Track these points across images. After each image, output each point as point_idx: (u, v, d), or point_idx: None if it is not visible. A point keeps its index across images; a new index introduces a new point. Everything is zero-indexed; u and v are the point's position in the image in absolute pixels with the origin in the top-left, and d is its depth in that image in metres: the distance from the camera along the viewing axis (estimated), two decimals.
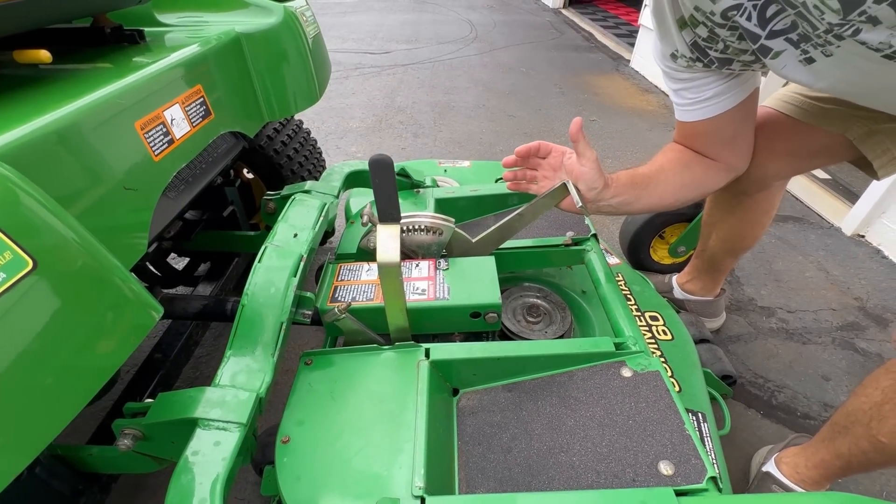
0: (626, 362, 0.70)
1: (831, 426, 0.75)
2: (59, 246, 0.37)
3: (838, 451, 0.72)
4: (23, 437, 0.35)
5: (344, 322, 0.70)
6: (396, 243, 0.60)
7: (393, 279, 0.63)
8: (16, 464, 0.34)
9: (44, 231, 0.36)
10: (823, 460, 0.76)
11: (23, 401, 0.34)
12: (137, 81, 0.58)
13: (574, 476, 0.59)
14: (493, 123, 2.57)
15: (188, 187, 0.77)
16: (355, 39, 4.08)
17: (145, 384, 0.82)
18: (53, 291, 0.36)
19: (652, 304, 1.02)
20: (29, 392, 0.35)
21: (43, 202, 0.37)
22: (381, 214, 0.61)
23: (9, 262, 0.33)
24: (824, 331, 1.28)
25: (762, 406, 1.09)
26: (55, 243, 0.37)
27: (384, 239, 0.60)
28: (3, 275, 0.32)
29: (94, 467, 0.64)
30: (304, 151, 1.27)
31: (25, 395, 0.34)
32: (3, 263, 0.32)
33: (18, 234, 0.34)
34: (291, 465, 0.57)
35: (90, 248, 0.40)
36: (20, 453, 0.34)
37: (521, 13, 5.31)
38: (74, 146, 0.49)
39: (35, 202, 0.36)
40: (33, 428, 0.35)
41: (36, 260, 0.34)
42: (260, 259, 0.67)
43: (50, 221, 0.37)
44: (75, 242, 0.39)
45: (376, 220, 0.87)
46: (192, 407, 0.54)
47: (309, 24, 0.95)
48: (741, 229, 1.02)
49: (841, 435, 0.71)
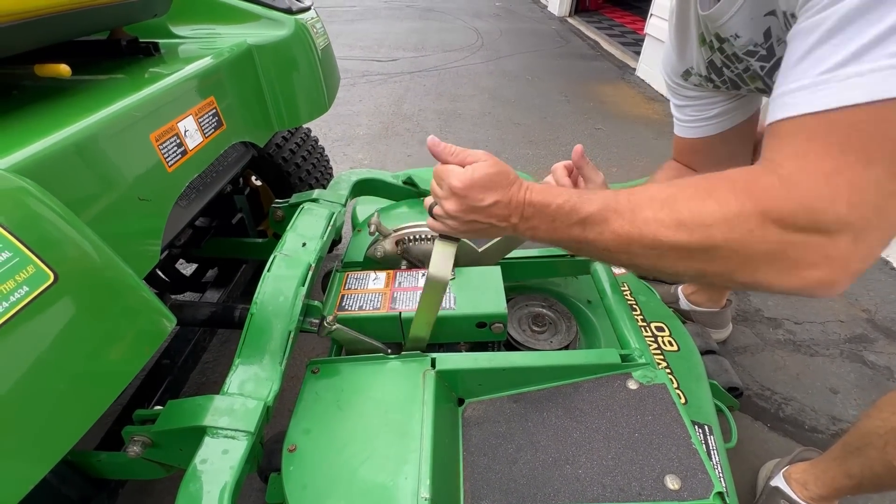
0: (632, 374, 0.70)
1: (843, 446, 0.74)
2: (78, 259, 0.38)
3: (850, 471, 0.71)
4: (43, 444, 0.36)
5: (337, 333, 0.70)
6: (450, 261, 0.61)
7: (436, 294, 0.64)
8: (37, 471, 0.35)
9: (64, 244, 0.37)
10: (833, 479, 0.75)
11: (43, 410, 0.35)
12: (153, 94, 0.59)
13: (580, 489, 0.59)
14: (499, 131, 2.58)
15: (199, 196, 0.78)
16: (362, 47, 4.12)
17: (153, 390, 0.83)
18: (72, 304, 0.37)
19: (658, 315, 1.01)
20: (49, 401, 0.35)
21: (63, 215, 0.38)
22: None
23: (32, 275, 0.34)
24: (832, 343, 1.27)
25: (769, 419, 1.08)
26: (74, 256, 0.38)
27: (439, 255, 0.61)
28: (26, 288, 0.33)
29: (103, 473, 0.65)
30: (311, 159, 1.29)
31: (46, 405, 0.35)
32: (27, 277, 0.33)
33: (40, 248, 0.35)
34: (298, 474, 0.57)
35: (107, 259, 0.41)
36: (41, 461, 0.35)
37: (527, 21, 5.35)
38: (92, 158, 0.50)
39: (55, 215, 0.37)
40: (53, 436, 0.36)
41: (57, 273, 0.35)
42: (269, 268, 0.68)
43: (69, 234, 0.38)
44: (93, 255, 0.40)
45: (384, 230, 0.88)
46: (201, 415, 0.55)
47: (319, 35, 0.96)
48: None
49: (853, 456, 0.71)
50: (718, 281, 0.44)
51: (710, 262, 0.41)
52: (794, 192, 0.36)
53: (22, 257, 0.33)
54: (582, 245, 0.50)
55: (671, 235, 0.42)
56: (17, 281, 0.33)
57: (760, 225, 0.38)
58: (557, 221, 0.51)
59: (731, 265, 0.41)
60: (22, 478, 0.34)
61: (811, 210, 0.36)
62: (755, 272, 0.40)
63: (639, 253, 0.46)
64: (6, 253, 0.32)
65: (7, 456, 0.33)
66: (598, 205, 0.48)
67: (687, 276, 0.45)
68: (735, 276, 0.41)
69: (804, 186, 0.36)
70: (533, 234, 0.53)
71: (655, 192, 0.46)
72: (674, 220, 0.42)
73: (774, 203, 0.37)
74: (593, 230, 0.48)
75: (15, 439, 0.34)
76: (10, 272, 0.32)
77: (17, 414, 0.34)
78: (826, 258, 0.36)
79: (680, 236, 0.41)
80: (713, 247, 0.40)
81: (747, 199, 0.39)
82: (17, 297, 0.32)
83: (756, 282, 0.41)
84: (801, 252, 0.37)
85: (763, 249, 0.38)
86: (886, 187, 0.34)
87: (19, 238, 0.33)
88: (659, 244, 0.43)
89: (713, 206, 0.40)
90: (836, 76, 0.34)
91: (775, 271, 0.39)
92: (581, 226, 0.49)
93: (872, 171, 0.34)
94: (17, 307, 0.32)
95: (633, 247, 0.45)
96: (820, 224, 0.36)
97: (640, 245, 0.45)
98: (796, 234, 0.37)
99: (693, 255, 0.42)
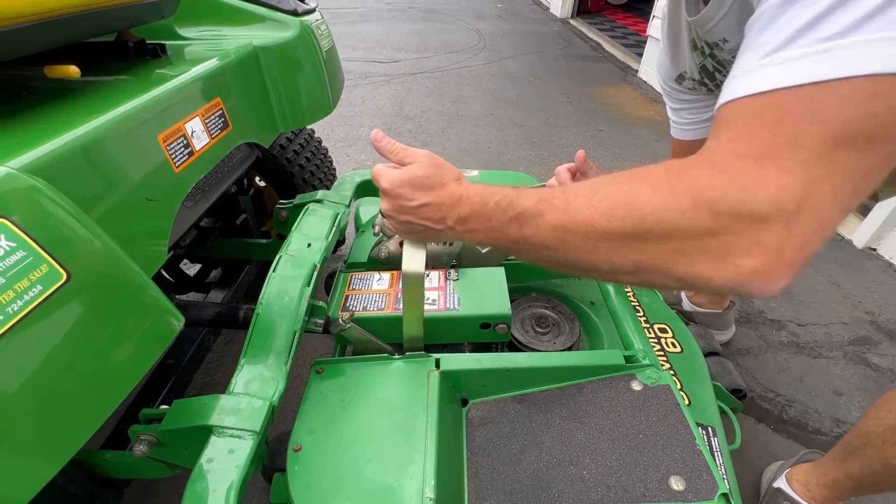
0: (636, 376, 0.70)
1: (843, 446, 0.74)
2: (89, 258, 0.38)
3: (850, 471, 0.72)
4: (54, 444, 0.36)
5: (350, 332, 0.71)
6: (422, 255, 0.61)
7: (415, 289, 0.64)
8: (47, 470, 0.35)
9: (76, 243, 0.38)
10: (835, 480, 0.75)
11: (54, 409, 0.35)
12: (160, 95, 0.60)
13: (584, 490, 0.59)
14: (501, 132, 2.58)
15: (204, 196, 0.78)
16: (365, 48, 4.13)
17: (158, 389, 0.83)
18: (84, 303, 0.37)
19: (661, 316, 1.01)
20: (60, 400, 0.36)
21: (74, 215, 0.38)
22: None
23: (45, 274, 0.34)
24: (836, 345, 1.27)
25: (773, 420, 1.08)
26: (86, 255, 0.38)
27: (410, 250, 0.61)
28: (39, 287, 0.33)
29: (109, 472, 0.65)
30: (315, 160, 1.29)
31: (56, 404, 0.36)
32: (40, 276, 0.33)
33: (53, 247, 0.35)
34: (303, 474, 0.57)
35: (117, 259, 0.41)
36: (52, 460, 0.36)
37: (530, 23, 5.35)
38: (101, 159, 0.50)
39: (67, 215, 0.38)
40: (63, 435, 0.37)
41: (69, 272, 0.36)
42: (275, 268, 0.68)
43: (81, 234, 0.38)
44: (104, 254, 0.40)
45: (388, 231, 0.88)
46: (207, 414, 0.55)
47: (324, 37, 0.97)
48: None
49: (853, 456, 0.71)
50: (657, 277, 0.42)
51: (644, 251, 0.40)
52: (725, 175, 0.36)
53: (36, 256, 0.34)
54: (521, 245, 0.49)
55: (603, 222, 0.41)
56: (31, 280, 0.33)
57: (692, 208, 0.37)
58: (494, 220, 0.49)
59: (665, 254, 0.39)
60: (33, 477, 0.34)
61: (741, 193, 0.35)
62: (690, 262, 0.39)
63: (574, 245, 0.44)
64: (20, 252, 0.33)
65: (18, 455, 0.33)
66: (533, 199, 0.47)
67: (624, 270, 0.43)
68: (671, 268, 0.40)
69: (735, 169, 0.36)
70: (473, 236, 0.52)
71: (592, 181, 0.45)
72: (607, 206, 0.41)
73: (705, 186, 0.37)
74: (529, 226, 0.47)
75: (26, 438, 0.34)
76: (25, 271, 0.33)
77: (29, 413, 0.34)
78: (758, 244, 0.35)
79: (612, 223, 0.41)
80: (645, 231, 0.39)
81: (679, 182, 0.38)
82: (31, 296, 0.33)
83: (692, 274, 0.39)
84: (733, 238, 0.36)
85: (694, 233, 0.37)
86: (814, 171, 0.33)
87: (33, 237, 0.34)
88: (592, 231, 0.42)
89: (645, 190, 0.40)
90: (773, 59, 0.34)
91: (709, 260, 0.38)
92: (517, 222, 0.47)
93: (801, 154, 0.33)
94: (31, 306, 0.33)
95: (568, 238, 0.44)
96: (750, 208, 0.35)
97: (574, 235, 0.43)
98: (727, 218, 0.36)
99: (627, 243, 0.41)
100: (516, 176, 1.46)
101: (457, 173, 0.54)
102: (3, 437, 0.32)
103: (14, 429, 0.33)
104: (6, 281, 0.31)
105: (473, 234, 0.52)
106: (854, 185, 0.34)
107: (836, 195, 0.33)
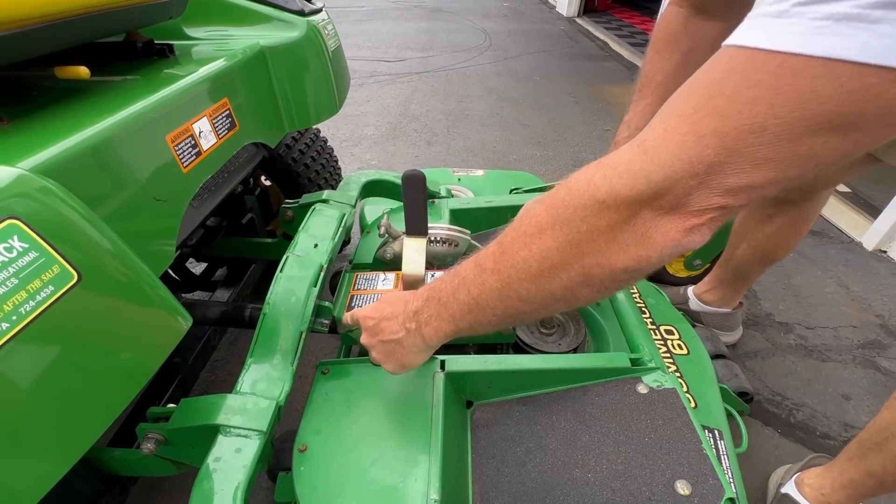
0: (641, 378, 0.70)
1: (860, 443, 0.72)
2: (99, 258, 0.39)
3: (870, 469, 0.70)
4: (65, 442, 0.36)
5: (357, 332, 0.71)
6: (422, 256, 0.62)
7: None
8: (58, 468, 0.35)
9: (86, 244, 0.38)
10: (853, 480, 0.73)
11: (65, 408, 0.36)
12: (168, 96, 0.60)
13: (589, 493, 0.59)
14: (507, 132, 2.58)
15: (211, 196, 0.79)
16: (370, 47, 4.14)
17: (164, 387, 0.84)
18: (95, 303, 0.38)
19: (667, 318, 1.01)
20: (70, 400, 0.36)
21: (85, 215, 0.39)
22: (409, 227, 0.63)
23: (56, 275, 0.34)
24: (844, 348, 1.26)
25: (780, 424, 1.07)
26: (96, 256, 0.38)
27: (410, 251, 0.62)
28: (51, 287, 0.34)
29: (116, 469, 0.66)
30: (321, 160, 1.29)
31: (67, 403, 0.36)
32: (52, 277, 0.34)
33: (65, 248, 0.35)
34: (308, 474, 0.58)
35: (127, 259, 0.41)
36: (63, 459, 0.36)
37: (536, 22, 5.33)
38: (111, 159, 0.51)
39: (78, 216, 0.38)
40: (74, 434, 0.37)
41: (80, 273, 0.36)
42: (282, 269, 0.69)
43: (91, 234, 0.39)
44: (113, 254, 0.40)
45: (394, 232, 0.88)
46: (214, 413, 0.55)
47: (330, 36, 0.97)
48: (777, 239, 1.00)
49: (873, 452, 0.69)
50: (608, 280, 0.41)
51: (583, 256, 0.40)
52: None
53: (48, 257, 0.34)
54: (475, 312, 0.48)
55: (536, 240, 0.41)
56: (44, 280, 0.33)
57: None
58: (443, 296, 0.50)
59: (602, 252, 0.39)
60: (44, 475, 0.35)
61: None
62: (625, 250, 0.39)
63: (519, 279, 0.43)
64: (33, 253, 0.33)
65: (30, 454, 0.34)
66: (472, 259, 0.48)
67: (575, 283, 0.42)
68: (614, 263, 0.40)
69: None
70: (436, 328, 0.51)
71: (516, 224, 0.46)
72: (533, 224, 0.42)
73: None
74: (475, 284, 0.47)
75: (38, 437, 0.34)
76: (37, 272, 0.33)
77: (41, 412, 0.34)
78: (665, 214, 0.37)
79: (544, 238, 0.41)
80: (575, 236, 0.39)
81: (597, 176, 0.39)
82: (43, 297, 0.33)
83: (632, 258, 0.39)
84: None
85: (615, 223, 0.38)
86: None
87: (45, 238, 0.34)
88: (529, 256, 0.42)
89: (562, 195, 0.41)
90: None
91: (638, 241, 0.38)
92: (464, 287, 0.48)
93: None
94: (43, 307, 0.33)
95: (513, 275, 0.44)
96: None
97: (514, 269, 0.43)
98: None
99: (564, 254, 0.40)
100: (522, 176, 1.46)
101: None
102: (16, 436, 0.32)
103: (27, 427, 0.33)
104: (19, 282, 0.32)
105: (429, 323, 0.52)
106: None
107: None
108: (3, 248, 0.31)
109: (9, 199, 0.33)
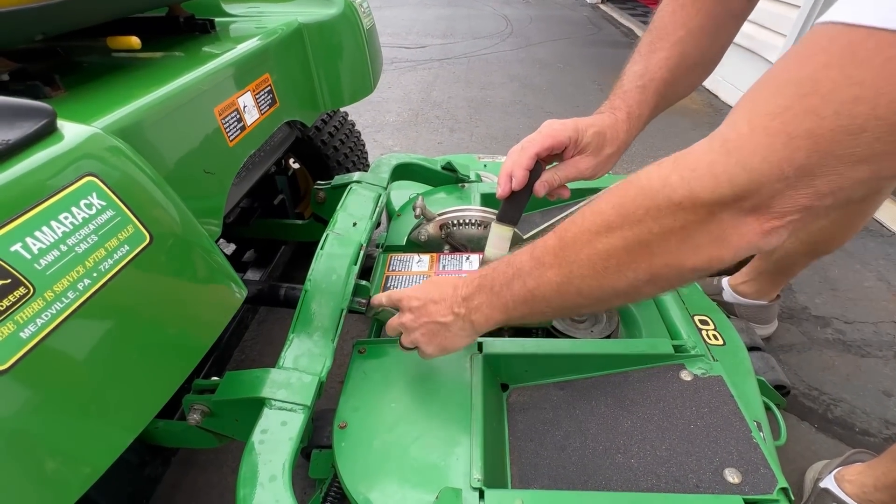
0: (685, 365, 0.68)
1: None
2: (168, 222, 0.39)
3: None
4: (134, 409, 0.37)
5: (384, 314, 0.70)
6: (506, 244, 0.63)
7: None
8: (126, 436, 0.36)
9: (156, 207, 0.38)
10: None
11: (136, 375, 0.36)
12: (215, 69, 0.60)
13: (632, 478, 0.58)
14: (530, 119, 2.53)
15: (248, 174, 0.79)
16: (391, 34, 4.10)
17: (202, 364, 0.85)
18: (164, 266, 0.38)
19: (701, 307, 0.98)
20: (141, 366, 0.36)
21: (153, 178, 0.38)
22: (502, 214, 0.65)
23: (131, 235, 0.34)
24: (885, 344, 1.21)
25: (817, 419, 1.04)
26: (165, 219, 0.38)
27: (496, 238, 0.64)
28: (126, 247, 0.33)
29: (159, 440, 0.67)
30: (349, 143, 1.29)
31: (138, 370, 0.36)
32: (127, 237, 0.34)
33: (137, 209, 0.35)
34: (349, 450, 0.58)
35: (191, 225, 0.41)
36: (131, 426, 0.36)
37: (558, 8, 5.21)
38: (165, 128, 0.51)
39: (147, 178, 0.38)
40: (141, 402, 0.37)
41: (152, 234, 0.36)
42: (322, 246, 0.68)
43: (159, 198, 0.39)
44: (180, 219, 0.40)
45: (429, 213, 0.88)
46: (259, 387, 0.56)
47: (366, 15, 0.96)
48: (831, 232, 0.95)
49: None
50: (674, 278, 0.40)
51: (653, 255, 0.39)
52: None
53: (123, 217, 0.34)
54: (530, 303, 0.48)
55: (603, 239, 0.41)
56: (120, 239, 0.33)
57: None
58: (496, 286, 0.50)
59: (672, 251, 0.38)
60: (114, 443, 0.35)
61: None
62: (698, 250, 0.37)
63: (582, 276, 0.43)
64: (110, 211, 0.33)
65: (103, 420, 0.34)
66: (527, 251, 0.47)
67: (641, 281, 0.41)
68: (684, 263, 0.38)
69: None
70: (480, 314, 0.51)
71: (578, 212, 0.45)
72: (600, 222, 0.41)
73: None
74: (532, 276, 0.46)
75: (111, 402, 0.34)
76: (114, 230, 0.33)
77: (115, 377, 0.34)
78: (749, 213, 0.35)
79: (611, 237, 0.40)
80: (645, 234, 0.38)
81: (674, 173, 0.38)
82: (120, 256, 0.33)
83: (704, 260, 0.38)
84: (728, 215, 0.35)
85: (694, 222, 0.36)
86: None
87: (120, 197, 0.34)
88: (594, 255, 0.41)
89: (633, 193, 0.39)
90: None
91: (714, 241, 0.36)
92: (520, 278, 0.47)
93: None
94: (119, 265, 0.33)
95: (574, 270, 0.43)
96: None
97: (579, 265, 0.42)
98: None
99: (631, 253, 0.39)
100: None
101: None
102: (91, 401, 0.33)
103: (101, 392, 0.33)
104: (98, 239, 0.32)
105: (479, 310, 0.52)
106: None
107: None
108: (83, 205, 0.31)
109: (86, 156, 0.33)
